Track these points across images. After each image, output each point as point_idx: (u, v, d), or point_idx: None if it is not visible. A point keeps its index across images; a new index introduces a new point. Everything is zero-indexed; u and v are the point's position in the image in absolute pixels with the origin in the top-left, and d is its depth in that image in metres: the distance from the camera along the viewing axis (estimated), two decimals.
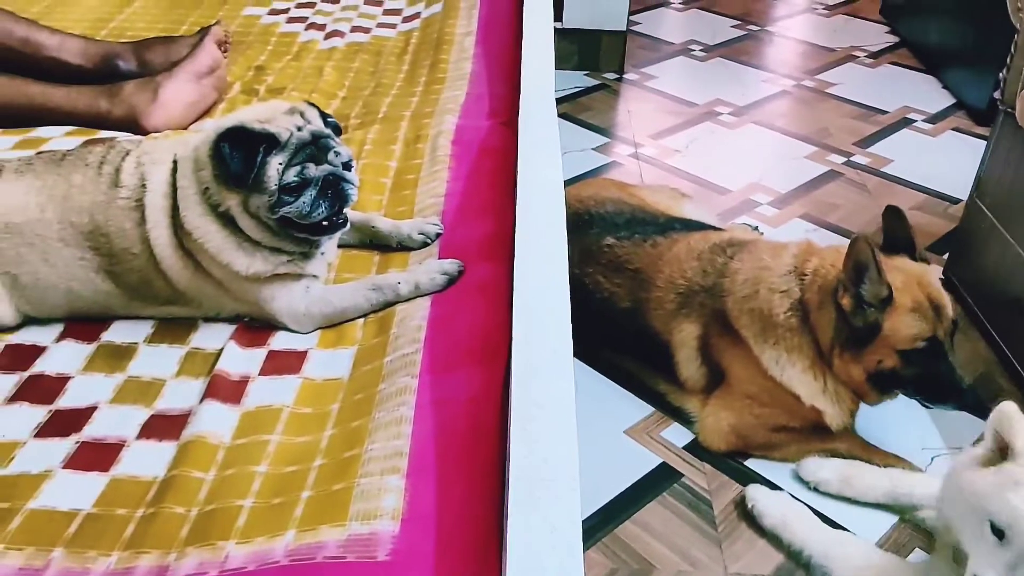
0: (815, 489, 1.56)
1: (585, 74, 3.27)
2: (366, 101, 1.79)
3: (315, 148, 1.16)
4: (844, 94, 3.15)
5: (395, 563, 0.79)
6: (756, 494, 1.51)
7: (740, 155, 2.75)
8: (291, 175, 1.13)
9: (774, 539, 1.46)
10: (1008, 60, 1.88)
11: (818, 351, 1.58)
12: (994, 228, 1.91)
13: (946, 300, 1.54)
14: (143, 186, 1.17)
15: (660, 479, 1.59)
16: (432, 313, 1.11)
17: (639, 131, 2.88)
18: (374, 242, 1.33)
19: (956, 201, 2.45)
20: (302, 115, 1.18)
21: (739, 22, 3.81)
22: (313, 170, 1.15)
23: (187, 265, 1.17)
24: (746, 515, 1.51)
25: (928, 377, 1.53)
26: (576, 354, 1.84)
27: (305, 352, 1.14)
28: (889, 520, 1.51)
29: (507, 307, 1.01)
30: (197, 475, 0.93)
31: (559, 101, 3.04)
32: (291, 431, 1.01)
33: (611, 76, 3.27)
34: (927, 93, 3.15)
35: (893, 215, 1.63)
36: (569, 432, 0.76)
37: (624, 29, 3.25)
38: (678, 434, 1.69)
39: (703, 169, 2.64)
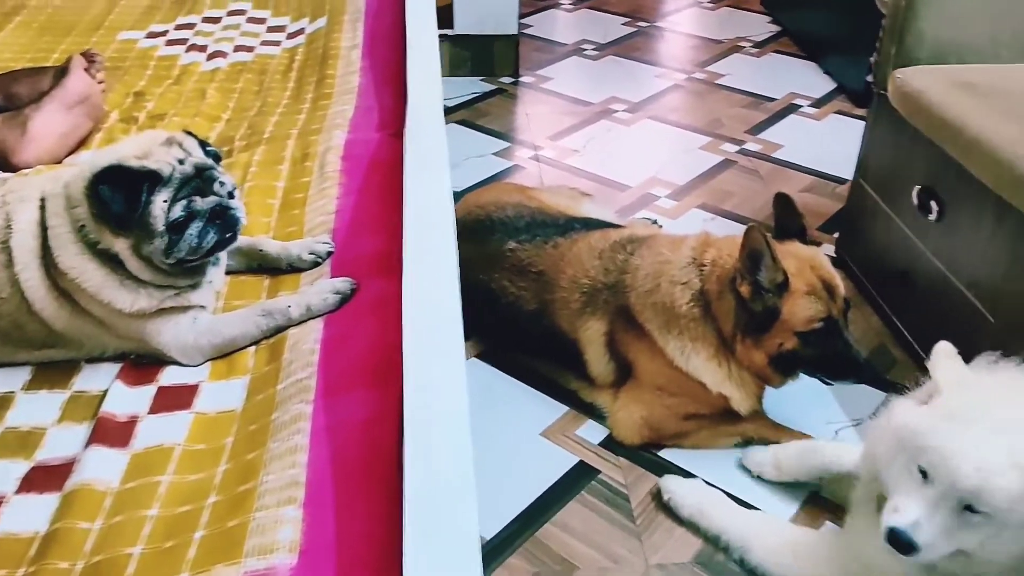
0: (758, 478, 1.58)
1: (481, 79, 3.28)
2: (251, 122, 1.74)
3: (200, 180, 1.13)
4: (733, 84, 3.24)
5: None
6: (670, 485, 1.53)
7: (637, 151, 2.79)
8: (177, 211, 1.09)
9: (692, 527, 1.48)
10: (877, 44, 1.95)
11: (721, 339, 1.62)
12: (877, 205, 1.98)
13: (838, 280, 1.59)
14: (8, 227, 1.11)
15: (577, 478, 1.59)
16: (325, 335, 1.09)
17: (537, 133, 2.89)
18: (263, 266, 1.30)
19: (843, 181, 2.53)
20: (180, 146, 1.14)
21: (629, 19, 3.87)
22: (200, 203, 1.11)
23: (63, 306, 1.12)
24: (663, 506, 1.52)
25: (827, 355, 1.57)
26: (487, 359, 1.87)
27: (196, 386, 1.10)
28: (800, 497, 1.55)
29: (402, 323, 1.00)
30: (83, 526, 0.89)
31: (456, 108, 3.04)
32: (184, 469, 0.97)
33: (507, 80, 3.28)
34: (810, 79, 3.27)
35: (782, 202, 1.68)
36: (464, 446, 0.75)
37: (516, 32, 3.26)
38: (593, 431, 1.70)
39: (602, 167, 2.67)
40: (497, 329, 1.90)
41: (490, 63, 3.30)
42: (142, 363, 1.14)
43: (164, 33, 2.18)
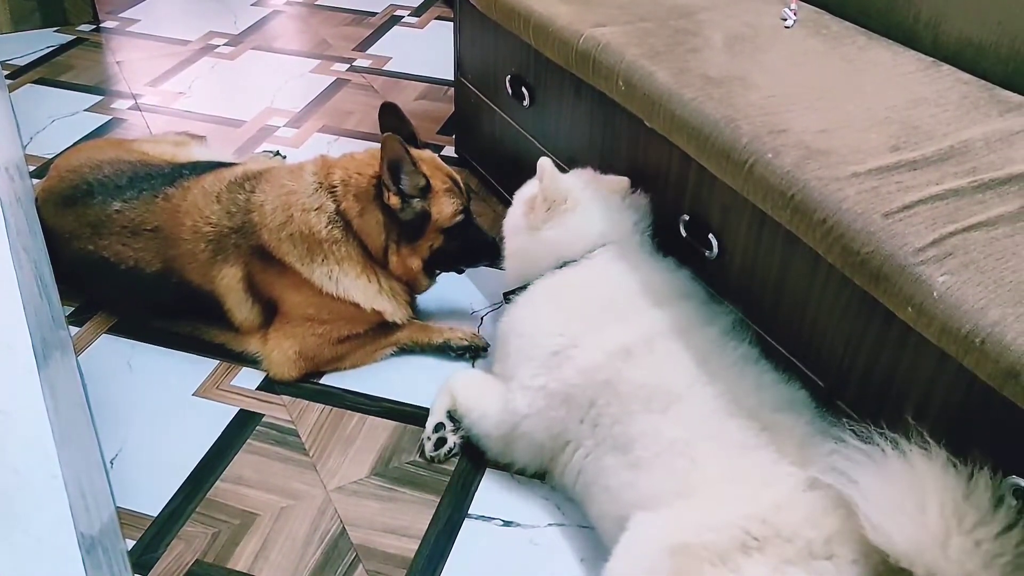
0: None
1: (55, 31, 2.91)
2: None
3: None
4: (333, 3, 3.19)
5: None
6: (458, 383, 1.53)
7: (247, 84, 2.67)
8: None
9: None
10: None
11: (367, 256, 1.63)
12: (481, 101, 2.09)
13: (457, 174, 1.67)
14: None
15: (241, 427, 1.54)
16: None
17: (135, 81, 2.65)
18: None
19: (452, 84, 2.63)
20: None
21: None
22: None
23: None
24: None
25: (466, 245, 1.66)
26: (120, 332, 1.72)
27: None
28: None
29: None
30: None
31: (30, 66, 2.69)
32: None
33: (86, 28, 2.95)
34: None
35: (388, 111, 1.71)
36: (42, 430, 0.68)
37: None
38: (249, 378, 1.65)
39: (213, 106, 2.52)
40: (123, 298, 1.75)
41: (61, 11, 2.94)
42: None
43: None
